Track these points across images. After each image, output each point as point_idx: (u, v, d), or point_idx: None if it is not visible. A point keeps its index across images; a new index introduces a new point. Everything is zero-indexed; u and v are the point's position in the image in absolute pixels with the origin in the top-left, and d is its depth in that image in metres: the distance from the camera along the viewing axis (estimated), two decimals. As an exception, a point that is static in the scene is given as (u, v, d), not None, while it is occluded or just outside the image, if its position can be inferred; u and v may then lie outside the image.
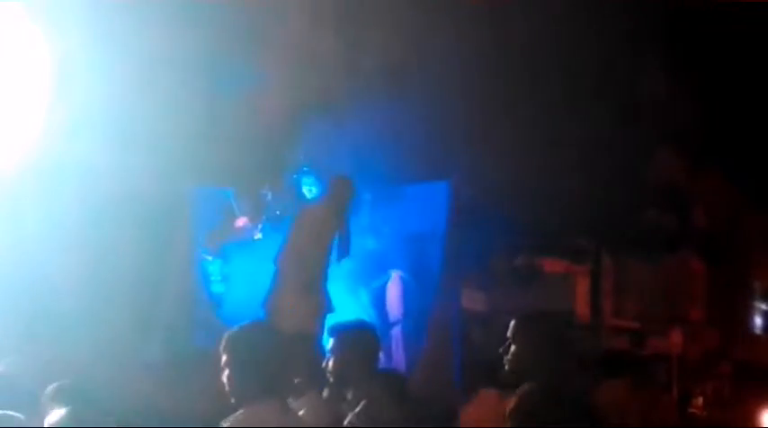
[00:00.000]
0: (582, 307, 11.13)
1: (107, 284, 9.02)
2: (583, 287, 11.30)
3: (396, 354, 9.84)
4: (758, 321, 11.53)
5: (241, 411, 3.81)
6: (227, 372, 3.90)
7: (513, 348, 4.36)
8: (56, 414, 4.86)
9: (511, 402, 4.25)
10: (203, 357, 8.73)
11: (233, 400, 3.87)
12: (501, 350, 4.39)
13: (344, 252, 9.46)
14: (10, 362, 5.62)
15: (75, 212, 8.74)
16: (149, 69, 8.56)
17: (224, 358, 3.91)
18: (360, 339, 4.92)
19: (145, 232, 9.55)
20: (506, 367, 4.38)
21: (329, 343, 4.92)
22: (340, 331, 5.07)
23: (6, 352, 5.87)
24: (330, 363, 4.86)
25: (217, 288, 10.65)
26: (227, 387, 3.89)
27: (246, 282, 10.42)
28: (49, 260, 8.61)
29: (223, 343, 3.95)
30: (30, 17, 7.92)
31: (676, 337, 11.21)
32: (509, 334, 4.39)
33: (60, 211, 8.63)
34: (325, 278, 9.34)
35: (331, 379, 4.91)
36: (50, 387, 5.04)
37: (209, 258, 10.69)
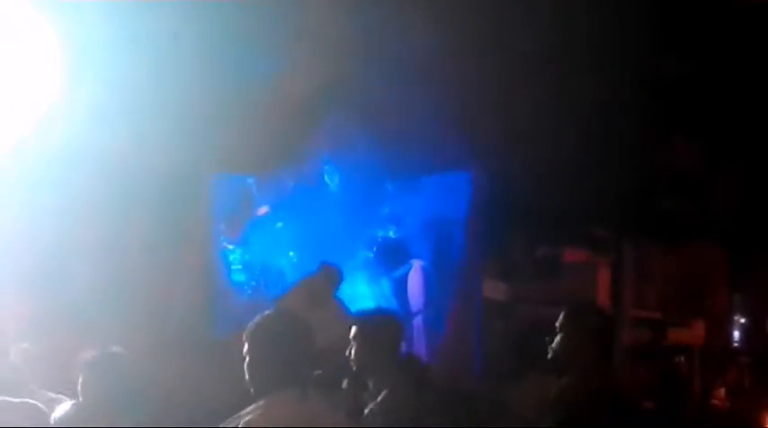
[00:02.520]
0: (603, 298, 11.08)
1: (124, 272, 9.02)
2: (604, 277, 11.25)
3: (417, 344, 9.81)
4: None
5: (262, 402, 3.77)
6: (247, 360, 3.86)
7: (558, 337, 4.38)
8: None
9: (551, 393, 4.27)
10: (220, 346, 8.76)
11: (252, 389, 3.83)
12: (547, 338, 4.42)
13: None
14: (22, 350, 5.63)
15: (93, 199, 8.73)
16: (169, 56, 8.53)
17: (245, 346, 3.87)
18: (382, 327, 4.87)
19: (164, 220, 9.54)
20: (549, 355, 4.40)
21: (351, 330, 4.86)
22: (362, 318, 5.01)
23: (19, 339, 5.87)
24: (352, 351, 4.81)
25: (237, 276, 10.65)
26: (246, 376, 3.85)
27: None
28: (66, 247, 8.63)
29: (246, 331, 3.91)
30: (48, 2, 7.89)
31: (698, 328, 11.15)
32: (557, 323, 4.42)
33: (78, 198, 8.62)
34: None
35: (353, 368, 4.86)
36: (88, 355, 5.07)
37: (230, 246, 10.68)
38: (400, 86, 9.22)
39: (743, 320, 11.51)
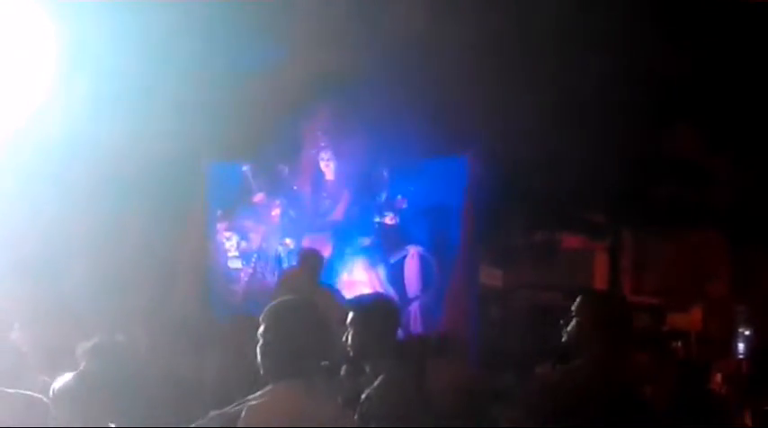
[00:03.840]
0: (600, 284, 11.10)
1: (122, 259, 9.04)
2: (601, 263, 11.27)
3: (413, 330, 9.82)
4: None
5: (268, 388, 3.77)
6: (261, 343, 3.86)
7: (573, 322, 4.33)
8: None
9: (557, 377, 4.24)
10: (219, 332, 8.77)
11: (262, 371, 3.83)
12: (562, 322, 4.38)
13: None
14: (20, 337, 5.61)
15: (92, 188, 8.75)
16: (167, 45, 8.53)
17: (261, 328, 3.86)
18: (379, 312, 4.85)
19: (161, 207, 9.55)
20: (563, 338, 4.36)
21: (348, 316, 4.85)
22: (359, 304, 5.00)
23: (17, 327, 5.86)
24: (349, 337, 4.81)
25: (234, 263, 10.66)
26: (258, 358, 3.85)
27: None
28: (65, 235, 8.63)
29: (264, 313, 3.89)
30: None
31: (696, 313, 11.17)
32: (573, 307, 4.36)
33: (76, 187, 8.63)
34: None
35: (350, 354, 4.85)
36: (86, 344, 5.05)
37: (227, 234, 10.69)
38: (397, 73, 9.21)
39: (741, 306, 11.52)
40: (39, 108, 7.71)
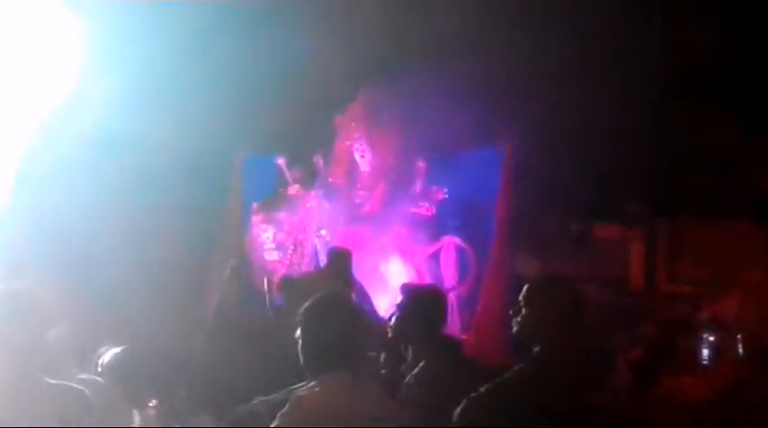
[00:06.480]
0: (636, 273, 11.04)
1: (159, 253, 9.09)
2: (637, 252, 11.20)
3: (450, 320, 9.81)
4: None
5: (314, 382, 3.79)
6: (300, 343, 3.88)
7: (522, 312, 4.15)
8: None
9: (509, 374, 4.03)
10: (256, 325, 8.79)
11: (307, 372, 3.86)
12: (511, 312, 4.17)
13: None
14: (58, 332, 5.66)
15: (128, 183, 8.82)
16: (201, 40, 8.58)
17: (299, 329, 3.89)
18: (427, 299, 4.88)
19: (198, 201, 9.61)
20: (514, 329, 4.15)
21: (399, 299, 4.91)
22: (411, 289, 5.07)
23: (54, 322, 5.92)
24: (393, 319, 4.84)
25: (270, 255, 10.70)
26: (300, 359, 3.87)
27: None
28: (101, 231, 8.69)
29: (299, 313, 3.92)
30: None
31: (732, 302, 11.08)
32: (521, 297, 4.17)
33: (112, 182, 8.70)
34: None
35: (390, 334, 4.88)
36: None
37: (263, 226, 10.73)
38: (432, 64, 9.21)
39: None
40: (76, 105, 7.79)
